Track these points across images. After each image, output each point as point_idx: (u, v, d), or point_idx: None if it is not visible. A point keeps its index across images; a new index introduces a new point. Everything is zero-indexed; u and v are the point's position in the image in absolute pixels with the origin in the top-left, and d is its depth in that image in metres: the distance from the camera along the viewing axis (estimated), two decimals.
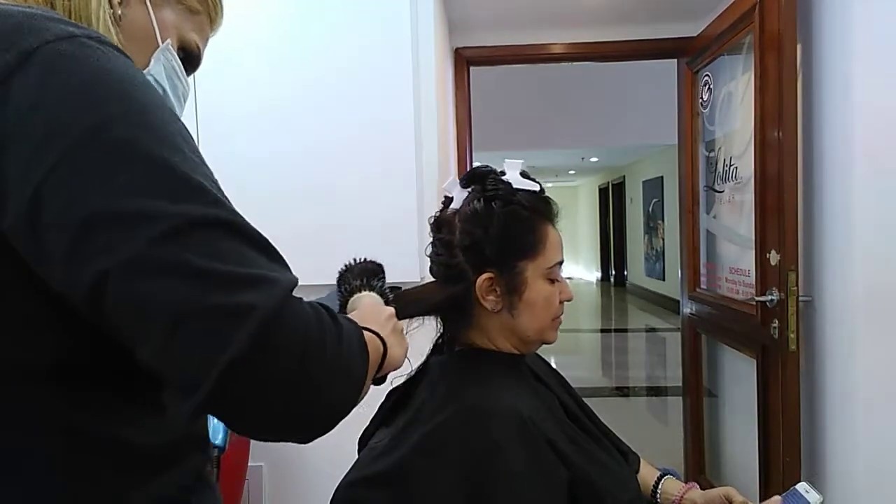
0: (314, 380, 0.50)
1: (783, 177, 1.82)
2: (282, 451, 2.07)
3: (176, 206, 0.46)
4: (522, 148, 6.23)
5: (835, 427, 1.85)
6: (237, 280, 0.46)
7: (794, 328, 1.83)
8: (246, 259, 0.48)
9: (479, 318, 0.97)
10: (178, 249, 0.45)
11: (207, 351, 0.45)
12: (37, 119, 0.46)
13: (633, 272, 11.08)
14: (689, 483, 1.10)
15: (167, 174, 0.47)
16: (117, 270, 0.44)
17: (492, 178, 0.97)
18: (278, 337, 0.47)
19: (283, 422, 0.50)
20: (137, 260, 0.45)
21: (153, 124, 0.49)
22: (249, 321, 0.45)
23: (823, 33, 1.84)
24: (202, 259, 0.46)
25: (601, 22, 2.63)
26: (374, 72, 1.95)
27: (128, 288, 0.45)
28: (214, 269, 0.46)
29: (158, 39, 0.64)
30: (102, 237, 0.45)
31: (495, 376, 0.94)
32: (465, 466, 0.83)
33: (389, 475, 0.88)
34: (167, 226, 0.45)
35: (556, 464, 0.86)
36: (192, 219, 0.46)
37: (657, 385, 5.24)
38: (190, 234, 0.46)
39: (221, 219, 0.48)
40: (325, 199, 1.96)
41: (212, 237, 0.47)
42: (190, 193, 0.48)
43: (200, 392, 0.45)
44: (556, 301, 0.98)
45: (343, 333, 0.54)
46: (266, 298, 0.47)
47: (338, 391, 0.53)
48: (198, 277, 0.45)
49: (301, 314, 0.50)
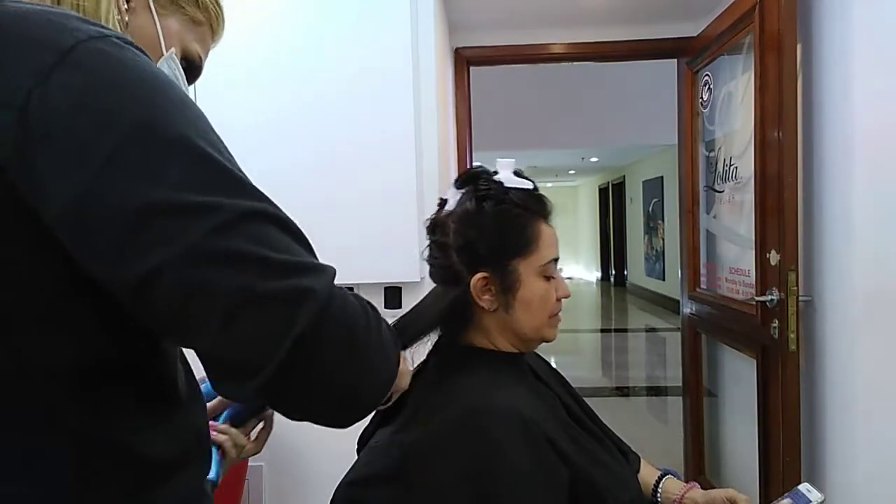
0: (363, 360, 0.53)
1: (783, 177, 1.82)
2: (282, 451, 2.07)
3: (228, 198, 0.48)
4: (522, 148, 6.24)
5: (834, 427, 1.85)
6: (292, 267, 0.48)
7: (794, 328, 1.83)
8: (294, 250, 0.50)
9: (477, 317, 0.98)
10: (232, 239, 0.47)
11: (272, 331, 0.47)
12: (82, 117, 0.46)
13: (633, 272, 11.08)
14: (689, 483, 1.10)
15: (215, 169, 0.49)
16: (173, 261, 0.45)
17: (484, 178, 0.97)
18: (331, 320, 0.49)
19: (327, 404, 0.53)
20: (194, 250, 0.46)
21: (196, 121, 0.50)
22: (310, 302, 0.48)
23: (823, 33, 1.84)
24: (257, 247, 0.47)
25: (601, 22, 2.63)
26: (375, 72, 1.95)
27: (184, 277, 0.46)
28: (269, 257, 0.47)
29: (163, 48, 0.65)
30: (157, 229, 0.45)
31: (495, 376, 0.94)
32: (466, 466, 0.83)
33: (389, 474, 0.88)
34: (221, 218, 0.46)
35: (557, 463, 0.86)
36: (244, 211, 0.48)
37: (657, 385, 5.24)
38: (242, 225, 0.47)
39: (269, 212, 0.50)
40: (325, 200, 1.96)
41: (263, 229, 0.49)
42: (237, 188, 0.49)
43: (267, 370, 0.47)
44: (553, 298, 0.98)
45: (382, 325, 0.57)
46: (321, 283, 0.49)
47: (379, 374, 0.55)
48: (254, 264, 0.47)
49: (348, 300, 0.52)
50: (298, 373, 0.48)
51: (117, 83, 0.47)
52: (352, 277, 1.88)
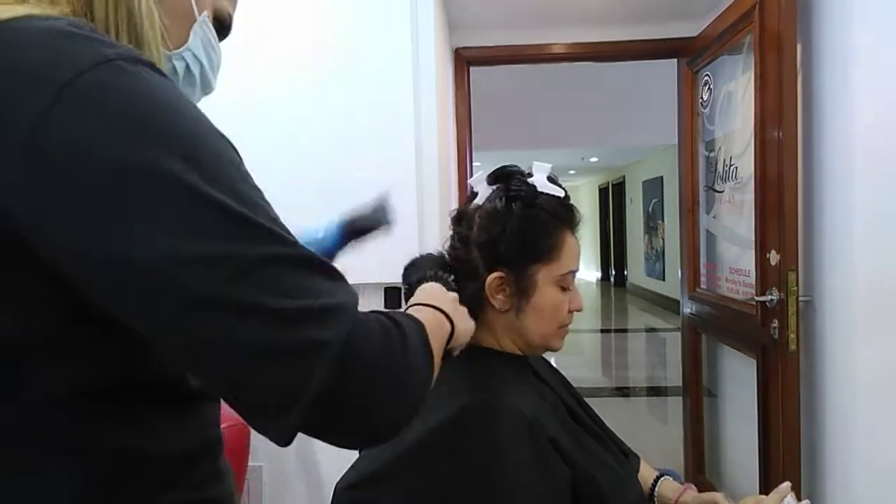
0: (387, 396, 0.52)
1: (783, 177, 1.82)
2: (282, 451, 2.07)
3: (239, 246, 0.46)
4: (522, 148, 6.23)
5: (835, 427, 1.85)
6: (306, 315, 0.47)
7: (794, 328, 1.83)
8: (312, 290, 0.48)
9: (487, 316, 0.97)
10: (245, 290, 0.45)
11: (286, 389, 0.46)
12: (85, 165, 0.44)
13: (633, 272, 11.08)
14: (685, 485, 1.10)
15: (226, 215, 0.46)
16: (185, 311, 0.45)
17: (517, 178, 0.97)
18: (352, 363, 0.48)
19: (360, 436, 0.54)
20: (205, 302, 0.45)
21: (205, 159, 0.47)
22: (324, 357, 0.47)
23: (823, 33, 1.84)
24: (270, 298, 0.46)
25: (601, 22, 2.63)
26: (375, 72, 1.95)
27: (197, 330, 0.45)
28: (284, 307, 0.46)
29: (196, 13, 0.63)
30: (167, 281, 0.44)
31: (499, 375, 0.94)
32: (468, 465, 0.83)
33: (390, 473, 0.88)
34: (233, 267, 0.45)
35: (559, 463, 0.86)
36: (256, 258, 0.46)
37: (657, 385, 5.24)
38: (254, 273, 0.46)
39: (282, 254, 0.48)
40: (325, 200, 1.95)
41: (275, 274, 0.47)
42: (250, 232, 0.47)
43: (289, 423, 0.47)
44: (565, 309, 0.98)
45: (408, 339, 0.56)
46: (338, 329, 0.48)
47: (408, 400, 0.55)
48: (268, 317, 0.45)
49: (369, 335, 0.51)
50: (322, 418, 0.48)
51: (118, 123, 0.45)
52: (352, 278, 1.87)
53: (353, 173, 1.95)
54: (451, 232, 1.01)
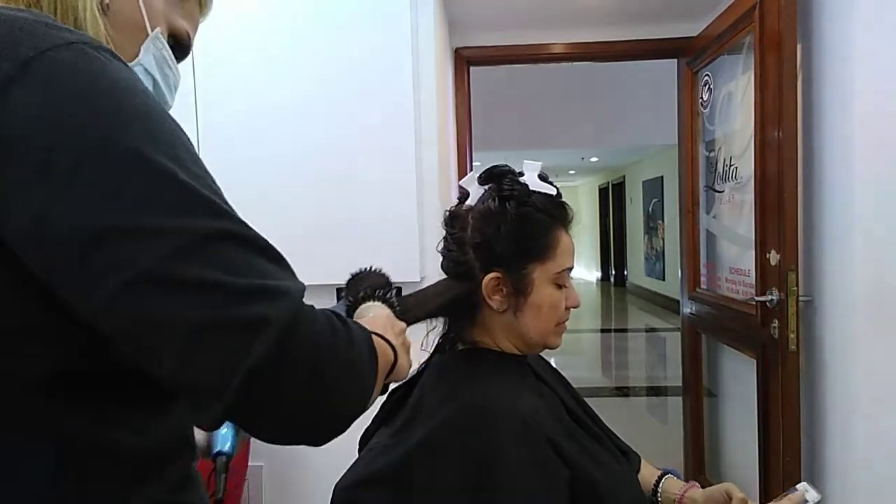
0: (327, 386, 0.51)
1: (783, 177, 1.82)
2: (282, 451, 2.07)
3: (188, 220, 0.46)
4: (522, 148, 6.23)
5: (835, 427, 1.85)
6: (251, 292, 0.47)
7: (794, 328, 1.83)
8: (257, 270, 0.49)
9: (484, 317, 0.97)
10: (192, 264, 0.45)
11: (226, 363, 0.46)
12: (40, 132, 0.45)
13: (633, 272, 11.08)
14: (690, 482, 1.10)
15: (176, 188, 0.47)
16: (131, 286, 0.44)
17: (509, 177, 0.97)
18: (292, 347, 0.48)
19: (297, 427, 0.52)
20: (152, 275, 0.45)
21: (159, 135, 0.48)
22: (265, 333, 0.46)
23: (823, 33, 1.84)
24: (216, 273, 0.46)
25: (601, 22, 2.63)
26: (374, 72, 1.95)
27: (143, 304, 0.45)
28: (228, 283, 0.46)
29: (148, 28, 0.63)
30: (114, 253, 0.44)
31: (497, 376, 0.94)
32: (467, 466, 0.83)
33: (389, 474, 0.88)
34: (180, 241, 0.45)
35: (557, 463, 0.86)
36: (205, 233, 0.47)
37: (657, 385, 5.24)
38: (202, 248, 0.46)
39: (232, 231, 0.48)
40: (325, 200, 1.96)
41: (224, 250, 0.47)
42: (200, 207, 0.48)
43: (221, 403, 0.46)
44: (562, 307, 0.98)
45: (354, 339, 0.55)
46: (280, 310, 0.48)
47: (349, 396, 0.54)
48: (213, 291, 0.46)
49: (313, 322, 0.51)
50: (258, 400, 0.47)
51: (79, 96, 0.46)
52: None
53: (353, 173, 1.95)
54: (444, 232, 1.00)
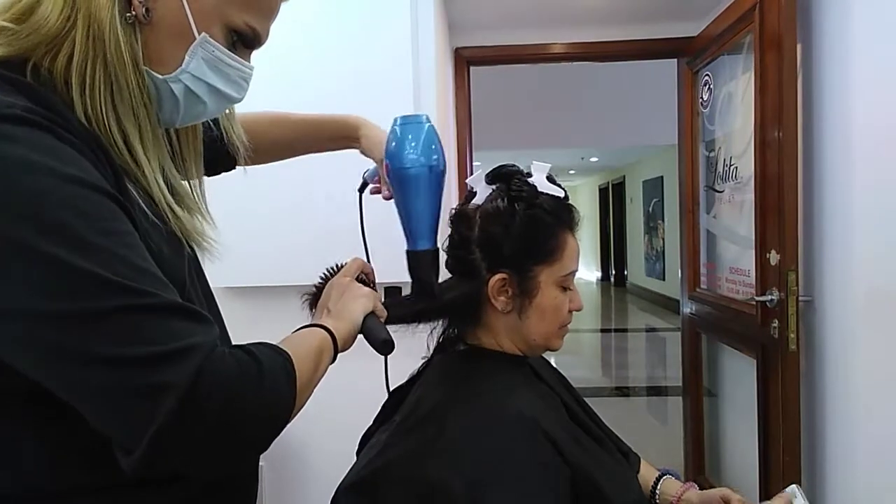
0: (236, 424, 0.55)
1: (783, 177, 1.82)
2: (282, 451, 2.07)
3: (83, 301, 0.49)
4: (522, 147, 6.23)
5: (835, 427, 1.85)
6: (151, 360, 0.50)
7: (794, 328, 1.83)
8: (164, 335, 0.52)
9: (487, 317, 0.97)
10: (90, 342, 0.49)
11: (135, 427, 0.50)
12: None
13: (633, 272, 11.08)
14: (687, 483, 1.10)
15: (66, 273, 0.49)
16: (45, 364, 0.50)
17: (518, 178, 0.96)
18: (195, 405, 0.51)
19: (216, 462, 0.56)
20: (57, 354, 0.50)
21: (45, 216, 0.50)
22: (166, 398, 0.50)
23: (823, 33, 1.84)
24: (114, 347, 0.50)
25: (601, 22, 2.63)
26: (374, 72, 1.94)
27: (57, 376, 0.51)
28: (128, 354, 0.50)
29: (195, 32, 0.61)
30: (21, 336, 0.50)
31: (498, 376, 0.94)
32: (468, 466, 0.83)
33: (390, 474, 0.88)
34: (78, 321, 0.49)
35: (558, 464, 0.86)
36: (102, 311, 0.50)
37: (657, 385, 5.24)
38: (101, 324, 0.50)
39: (131, 305, 0.51)
40: (324, 200, 1.95)
41: (125, 323, 0.50)
42: (98, 287, 0.50)
43: (134, 459, 0.51)
44: (566, 309, 0.98)
45: (265, 371, 0.58)
46: (180, 373, 0.51)
47: (261, 427, 0.58)
48: (114, 365, 0.49)
49: (218, 371, 0.53)
50: (172, 450, 0.52)
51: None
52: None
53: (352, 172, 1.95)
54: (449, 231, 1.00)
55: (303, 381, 0.63)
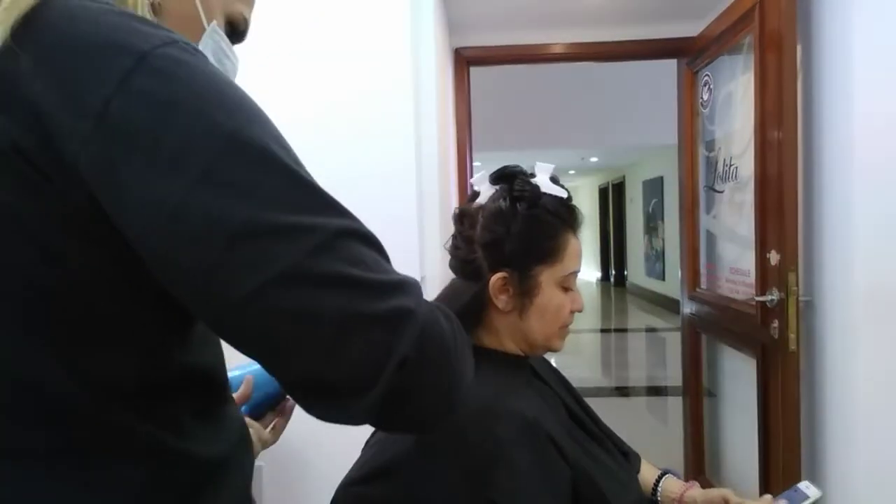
0: (452, 375, 0.52)
1: (783, 177, 1.82)
2: (282, 451, 2.07)
3: (319, 218, 0.46)
4: (522, 148, 6.23)
5: (835, 427, 1.85)
6: (389, 286, 0.47)
7: (794, 328, 1.83)
8: (383, 265, 0.49)
9: (489, 317, 0.98)
10: (330, 261, 0.45)
11: (379, 353, 0.45)
12: (171, 126, 0.43)
13: (633, 272, 11.08)
14: (689, 482, 1.10)
15: (304, 185, 0.47)
16: (275, 282, 0.44)
17: (521, 178, 0.97)
18: (430, 336, 0.48)
19: (427, 415, 0.52)
20: (296, 272, 0.44)
21: (273, 133, 0.48)
22: (411, 323, 0.47)
23: (823, 33, 1.84)
24: (353, 268, 0.46)
25: (601, 22, 2.63)
26: (374, 72, 1.95)
27: (287, 299, 0.44)
28: (367, 277, 0.46)
29: (204, 23, 0.61)
30: (254, 251, 0.43)
31: (500, 376, 0.94)
32: (469, 465, 0.83)
33: (392, 471, 0.89)
34: (316, 239, 0.45)
35: (559, 465, 0.86)
36: (336, 231, 0.46)
37: (657, 385, 5.24)
38: (336, 245, 0.46)
39: (357, 229, 0.48)
40: None
41: (355, 247, 0.47)
42: (326, 205, 0.48)
43: (375, 392, 0.45)
44: (567, 310, 0.98)
45: (459, 330, 0.56)
46: (417, 301, 0.48)
47: (463, 384, 0.55)
48: (355, 285, 0.45)
49: (434, 312, 0.51)
50: (403, 393, 0.47)
51: (199, 92, 0.45)
52: None
53: (352, 173, 1.95)
54: (453, 231, 1.01)
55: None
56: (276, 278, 0.43)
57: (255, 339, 0.46)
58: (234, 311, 0.44)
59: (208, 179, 0.43)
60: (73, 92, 0.43)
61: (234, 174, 0.44)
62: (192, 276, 0.45)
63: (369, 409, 0.46)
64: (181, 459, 0.52)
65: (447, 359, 0.51)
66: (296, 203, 0.46)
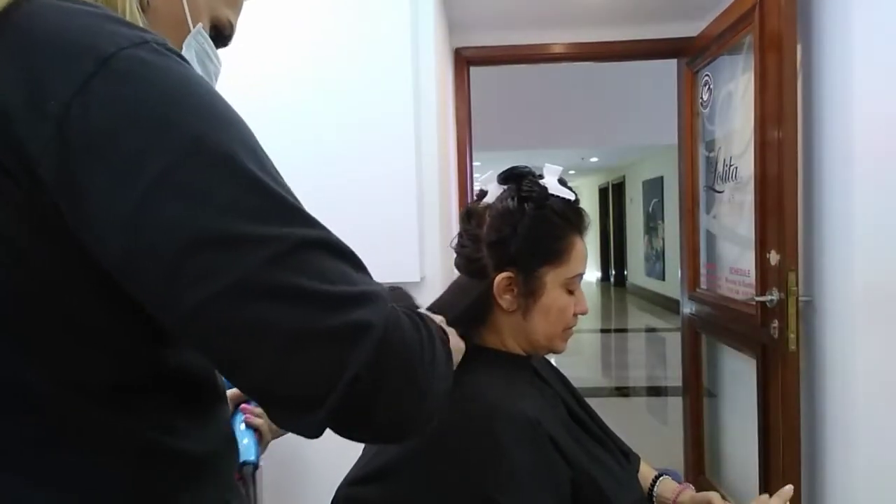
0: (418, 386, 0.51)
1: (783, 177, 1.82)
2: (282, 451, 2.07)
3: (278, 228, 0.45)
4: (522, 148, 6.23)
5: (835, 427, 1.85)
6: (347, 299, 0.46)
7: (794, 328, 1.83)
8: (348, 277, 0.48)
9: (493, 317, 0.98)
10: (286, 272, 0.44)
11: (330, 369, 0.45)
12: (128, 130, 0.43)
13: (633, 272, 11.08)
14: (683, 484, 1.10)
15: (266, 194, 0.46)
16: (226, 294, 0.43)
17: (529, 179, 0.97)
18: (391, 350, 0.47)
19: (391, 427, 0.52)
20: (248, 283, 0.43)
21: (243, 139, 0.47)
22: (366, 338, 0.46)
23: (823, 33, 1.84)
24: (311, 280, 0.45)
25: (601, 22, 2.63)
26: (375, 72, 1.95)
27: (238, 312, 0.43)
28: (324, 290, 0.45)
29: (190, 24, 0.60)
30: (206, 260, 0.43)
31: (501, 376, 0.94)
32: (469, 464, 0.83)
33: (392, 472, 0.89)
34: (273, 249, 0.44)
35: (560, 464, 0.86)
36: (296, 241, 0.45)
37: (657, 385, 5.24)
38: (295, 256, 0.45)
39: (321, 239, 0.47)
40: (325, 200, 1.95)
41: (316, 258, 0.46)
42: (289, 214, 0.47)
43: (326, 407, 0.45)
44: (571, 312, 0.98)
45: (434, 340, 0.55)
46: (377, 314, 0.47)
47: (436, 396, 0.54)
48: (309, 298, 0.44)
49: (402, 322, 0.50)
50: (361, 407, 0.47)
51: (164, 95, 0.45)
52: None
53: (352, 173, 1.95)
54: (455, 230, 1.01)
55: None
56: (225, 290, 0.43)
57: (209, 349, 0.46)
58: (185, 321, 0.44)
59: (164, 186, 0.42)
60: (37, 93, 0.43)
61: (193, 180, 0.43)
62: (146, 285, 0.44)
63: (321, 424, 0.46)
64: (168, 456, 0.52)
65: (413, 369, 0.50)
66: (255, 212, 0.45)
